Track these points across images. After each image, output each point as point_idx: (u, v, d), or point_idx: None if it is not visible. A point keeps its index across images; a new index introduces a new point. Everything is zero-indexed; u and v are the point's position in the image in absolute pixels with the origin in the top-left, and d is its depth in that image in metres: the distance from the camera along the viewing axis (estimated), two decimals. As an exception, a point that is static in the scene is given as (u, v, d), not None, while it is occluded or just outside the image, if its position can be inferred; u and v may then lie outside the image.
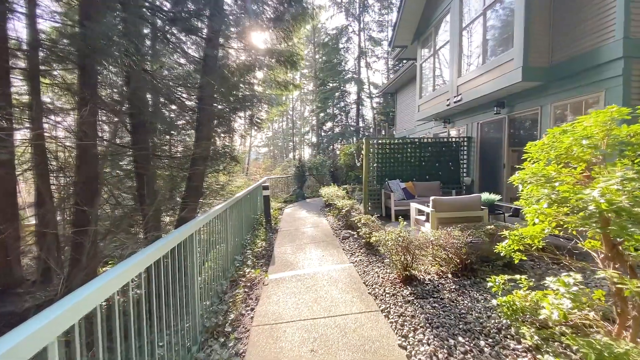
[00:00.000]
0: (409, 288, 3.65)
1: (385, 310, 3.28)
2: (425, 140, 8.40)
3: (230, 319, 3.21)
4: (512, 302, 2.60)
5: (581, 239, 2.65)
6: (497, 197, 5.34)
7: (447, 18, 8.38)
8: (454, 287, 3.60)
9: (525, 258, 2.81)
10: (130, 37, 4.75)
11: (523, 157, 2.77)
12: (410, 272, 3.77)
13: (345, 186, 11.64)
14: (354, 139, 23.15)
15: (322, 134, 26.45)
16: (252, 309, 3.53)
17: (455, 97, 7.89)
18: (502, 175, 7.18)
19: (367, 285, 3.98)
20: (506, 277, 2.69)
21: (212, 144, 8.00)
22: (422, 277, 3.92)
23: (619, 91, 4.53)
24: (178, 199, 6.79)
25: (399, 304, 3.36)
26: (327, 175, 15.65)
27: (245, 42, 7.59)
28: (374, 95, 26.24)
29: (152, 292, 2.01)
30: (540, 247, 2.74)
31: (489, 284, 2.74)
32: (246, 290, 3.99)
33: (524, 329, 2.47)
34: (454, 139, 8.49)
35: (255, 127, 8.72)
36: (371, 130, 24.90)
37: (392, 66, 26.30)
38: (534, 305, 2.47)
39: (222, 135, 8.24)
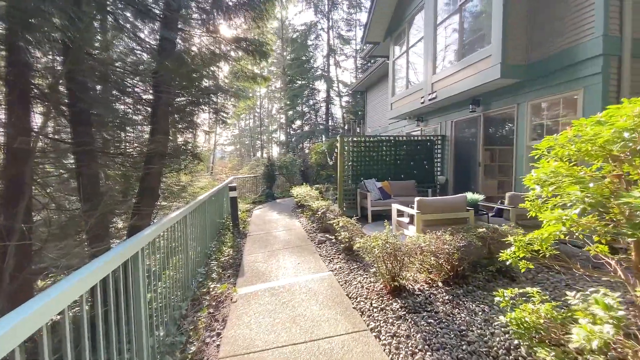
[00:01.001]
0: (399, 300, 3.27)
1: (376, 330, 2.86)
2: (401, 138, 8.19)
3: (190, 352, 2.61)
4: (521, 319, 2.28)
5: (590, 244, 2.39)
6: (481, 196, 5.18)
7: (422, 14, 8.21)
8: (447, 297, 3.27)
9: (532, 266, 2.51)
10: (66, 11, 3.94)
11: (532, 154, 2.46)
12: (399, 282, 3.39)
13: (317, 186, 11.21)
14: (324, 137, 22.82)
15: (291, 132, 25.84)
16: (219, 335, 2.95)
17: (430, 94, 7.73)
18: (478, 174, 7.12)
19: (351, 298, 3.55)
20: (517, 290, 2.37)
21: (171, 140, 7.18)
22: (410, 286, 3.56)
23: (598, 89, 4.49)
24: (135, 201, 5.96)
25: (390, 320, 2.96)
26: (298, 175, 15.14)
27: (210, 28, 6.87)
28: (343, 94, 26.08)
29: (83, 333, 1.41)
30: (548, 254, 2.45)
31: (497, 299, 2.41)
32: (211, 310, 3.39)
33: (542, 351, 2.16)
34: (428, 138, 8.35)
35: (221, 123, 8.00)
36: (341, 129, 24.73)
37: (361, 65, 26.29)
38: (551, 323, 2.17)
39: (183, 130, 7.44)
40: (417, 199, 4.21)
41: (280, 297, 3.69)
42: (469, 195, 4.98)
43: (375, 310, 3.19)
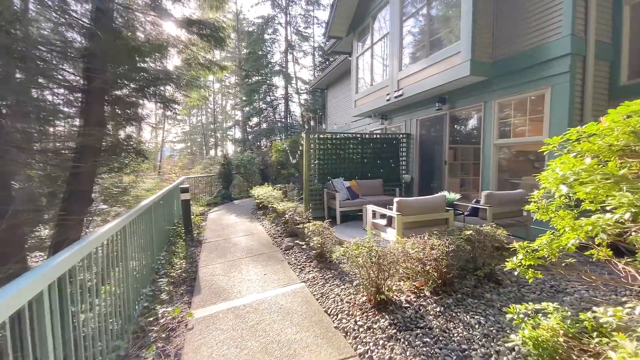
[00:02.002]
0: (386, 316, 2.88)
1: (366, 356, 2.44)
2: (368, 136, 7.93)
3: (131, 413, 1.95)
4: (537, 338, 2.00)
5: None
6: (457, 196, 5.04)
7: (387, 8, 8.02)
8: (438, 309, 2.95)
9: (541, 275, 2.26)
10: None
11: (542, 150, 2.19)
12: (385, 294, 3.01)
13: (279, 185, 10.60)
14: (283, 135, 22.14)
15: (248, 129, 24.74)
16: (171, 379, 2.31)
17: (396, 92, 7.56)
18: (444, 172, 7.09)
19: (331, 316, 3.09)
20: (531, 306, 2.08)
21: (110, 134, 6.12)
22: (396, 298, 3.20)
23: (565, 88, 4.55)
24: (61, 207, 4.89)
25: (381, 342, 2.55)
26: (257, 174, 14.36)
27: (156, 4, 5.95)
28: (302, 91, 25.59)
29: None
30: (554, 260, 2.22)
31: (508, 316, 2.11)
32: (160, 344, 2.71)
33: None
34: (394, 136, 8.21)
35: (171, 116, 7.08)
36: (300, 128, 24.21)
37: (320, 63, 26.01)
38: (573, 342, 1.91)
39: (125, 123, 6.40)
40: (396, 199, 3.88)
41: (246, 319, 3.11)
42: (445, 195, 4.80)
43: (361, 329, 2.77)
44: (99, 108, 4.97)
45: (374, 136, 8.04)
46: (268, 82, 24.31)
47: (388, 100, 7.88)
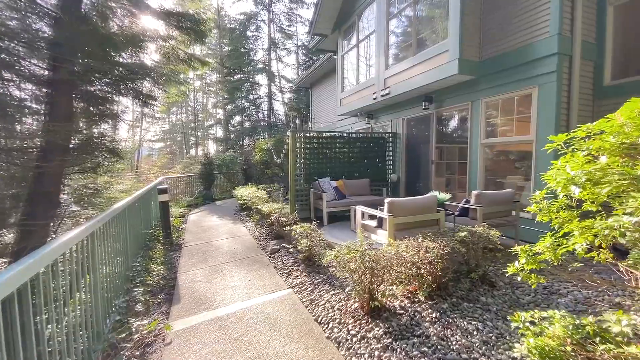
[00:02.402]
0: (381, 324, 2.73)
1: (362, 370, 2.27)
2: (355, 135, 7.80)
3: None
4: (543, 347, 1.88)
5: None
6: (447, 196, 4.96)
7: (373, 6, 7.91)
8: (433, 315, 2.82)
9: (543, 280, 2.16)
10: None
11: (546, 148, 2.09)
12: (379, 301, 2.85)
13: (263, 185, 10.32)
14: (267, 134, 21.77)
15: (231, 128, 24.18)
16: (145, 404, 2.06)
17: (382, 90, 7.46)
18: (430, 172, 7.05)
19: (321, 324, 2.91)
20: (538, 313, 1.97)
21: (82, 131, 5.69)
22: (390, 303, 3.05)
23: (552, 87, 4.55)
24: (23, 211, 4.46)
25: (377, 353, 2.39)
26: (240, 174, 13.99)
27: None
28: (285, 90, 25.26)
29: None
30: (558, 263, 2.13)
31: (513, 325, 1.99)
32: (133, 364, 2.44)
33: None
34: (381, 135, 8.12)
35: (148, 114, 6.70)
36: (284, 126, 23.88)
37: (304, 62, 25.76)
38: (582, 351, 1.80)
39: (98, 120, 5.98)
40: (387, 200, 3.74)
41: (230, 330, 2.89)
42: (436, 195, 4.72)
43: (354, 339, 2.60)
44: (67, 102, 4.58)
45: (361, 135, 7.92)
46: (251, 80, 23.83)
47: (374, 99, 7.78)
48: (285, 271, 4.26)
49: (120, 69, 5.76)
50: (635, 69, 4.57)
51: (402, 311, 2.92)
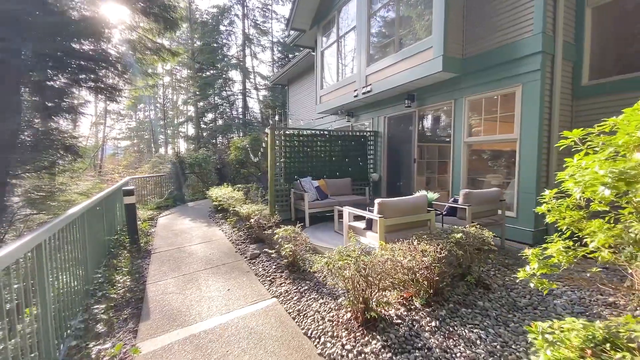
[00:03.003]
0: (377, 336, 2.50)
1: (362, 392, 2.02)
2: (336, 133, 7.57)
3: None
4: (562, 360, 1.73)
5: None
6: (436, 195, 4.85)
7: (354, 1, 7.72)
8: (433, 324, 2.63)
9: (555, 286, 2.02)
10: None
11: (558, 145, 1.94)
12: (374, 310, 2.63)
13: (240, 185, 9.86)
14: (241, 132, 21.10)
15: (203, 126, 23.23)
16: None
17: (364, 87, 7.30)
18: (412, 171, 6.97)
19: (312, 339, 2.64)
20: (557, 323, 1.81)
21: (34, 127, 5.03)
22: (385, 312, 2.83)
23: (536, 86, 4.56)
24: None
25: (377, 372, 2.16)
26: (213, 173, 13.37)
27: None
28: (261, 87, 24.64)
29: None
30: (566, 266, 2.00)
31: (530, 337, 1.83)
32: (92, 400, 2.05)
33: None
34: (362, 133, 7.96)
35: (113, 108, 6.09)
36: (262, 125, 23.27)
37: (279, 59, 25.27)
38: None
39: (54, 114, 5.33)
40: (378, 200, 3.54)
41: (209, 350, 2.55)
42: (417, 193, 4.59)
43: (350, 355, 2.35)
44: (12, 92, 3.98)
45: (343, 133, 7.71)
46: (224, 76, 23.01)
47: (356, 96, 7.60)
48: (268, 278, 3.94)
49: (81, 59, 5.17)
50: (611, 70, 4.68)
51: (399, 321, 2.72)
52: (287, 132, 6.80)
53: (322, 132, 7.29)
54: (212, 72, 22.71)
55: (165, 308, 3.32)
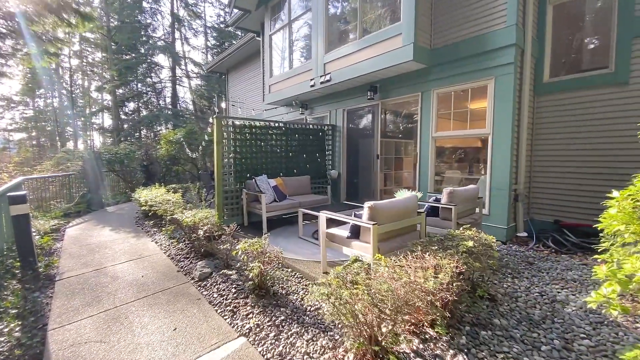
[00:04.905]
0: (401, 388, 1.88)
1: None
2: (293, 125, 6.78)
3: None
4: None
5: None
6: (419, 194, 4.43)
7: (309, -20, 7.00)
8: (460, 359, 2.12)
9: (630, 309, 1.63)
10: None
11: None
12: (391, 351, 2.01)
13: (174, 186, 8.44)
14: (171, 124, 18.80)
15: (123, 116, 20.16)
16: None
17: (322, 76, 6.66)
18: (375, 167, 6.57)
19: (311, 402, 1.91)
20: None
21: None
22: (395, 348, 2.23)
23: (510, 79, 4.44)
24: None
25: None
26: (139, 172, 11.46)
27: None
28: (193, 75, 22.32)
29: None
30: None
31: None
32: None
33: None
34: (321, 127, 7.31)
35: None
36: (197, 116, 21.01)
37: (214, 46, 23.20)
38: None
39: None
40: (369, 204, 2.92)
41: None
42: (404, 193, 4.14)
43: None
44: None
45: (300, 126, 6.95)
46: (149, 60, 20.24)
47: (312, 85, 6.92)
48: (228, 308, 3.06)
49: None
50: (570, 68, 4.80)
51: (418, 358, 2.14)
52: (237, 122, 5.81)
53: (277, 124, 6.45)
54: (133, 55, 19.77)
55: (78, 372, 2.25)
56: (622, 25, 4.17)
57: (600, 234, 3.36)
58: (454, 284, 2.23)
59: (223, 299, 3.22)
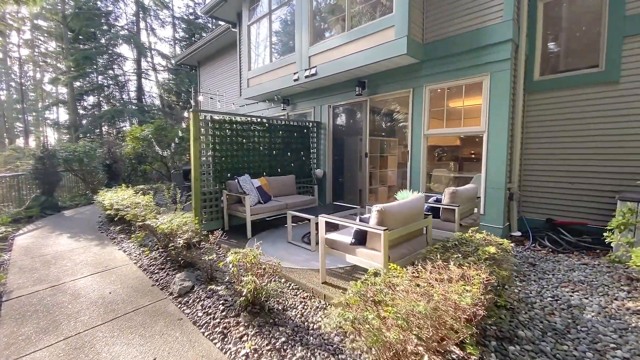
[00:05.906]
0: None
1: None
2: (277, 121, 6.34)
3: None
4: None
5: None
6: (421, 194, 4.19)
7: (291, -33, 6.60)
8: (496, 383, 1.87)
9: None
10: None
11: None
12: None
13: (142, 187, 7.71)
14: (136, 120, 17.55)
15: (82, 111, 18.55)
16: None
17: (307, 70, 6.30)
18: (363, 166, 6.32)
19: None
20: None
21: None
22: (423, 373, 1.95)
23: (506, 76, 4.33)
24: None
25: None
26: (101, 171, 10.46)
27: None
28: (160, 69, 21.00)
29: None
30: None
31: None
32: None
33: None
34: (305, 123, 6.94)
35: None
36: (166, 111, 19.75)
37: (183, 38, 21.98)
38: None
39: None
40: (377, 207, 2.63)
41: None
42: (403, 193, 3.90)
43: None
44: None
45: (284, 122, 6.54)
46: (111, 50, 18.75)
47: (296, 80, 6.53)
48: (217, 329, 2.64)
49: None
50: (560, 66, 4.80)
51: (450, 386, 1.87)
52: (217, 117, 5.30)
53: (260, 119, 5.99)
54: (93, 45, 18.21)
55: None
56: (613, 24, 4.18)
57: (604, 234, 3.28)
58: (486, 297, 1.99)
59: (210, 319, 2.79)
